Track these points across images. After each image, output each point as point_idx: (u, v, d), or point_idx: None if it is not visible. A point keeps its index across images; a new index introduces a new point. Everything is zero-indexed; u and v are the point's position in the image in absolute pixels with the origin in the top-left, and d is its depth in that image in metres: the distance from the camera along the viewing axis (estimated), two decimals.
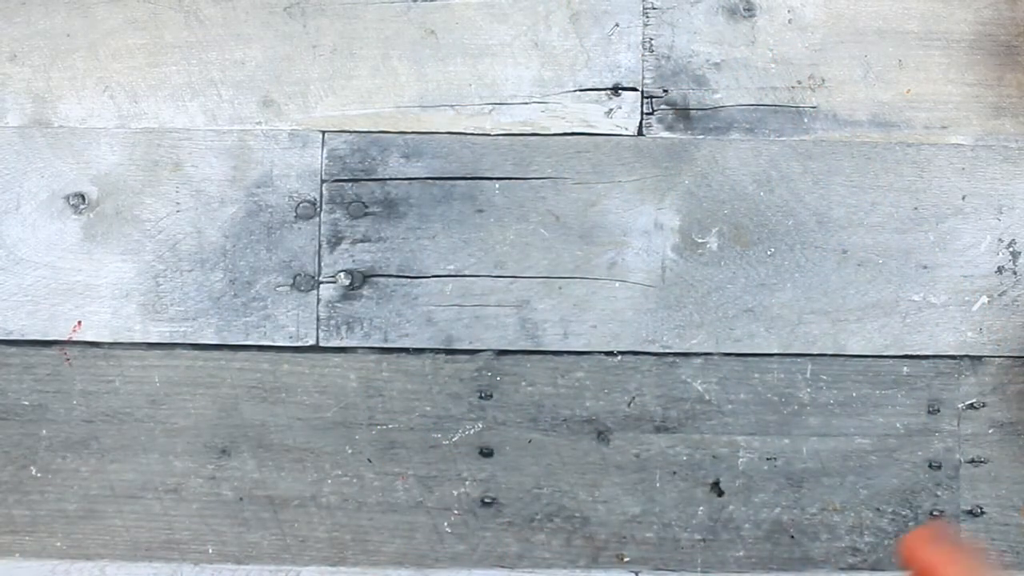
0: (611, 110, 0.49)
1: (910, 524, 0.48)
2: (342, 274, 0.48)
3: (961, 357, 0.49)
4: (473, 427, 0.48)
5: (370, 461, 0.48)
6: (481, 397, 0.48)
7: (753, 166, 0.49)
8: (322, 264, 0.48)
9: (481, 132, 0.49)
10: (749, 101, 0.49)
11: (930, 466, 0.48)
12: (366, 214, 0.49)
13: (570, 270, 0.48)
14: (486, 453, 0.48)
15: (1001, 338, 0.49)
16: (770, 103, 0.49)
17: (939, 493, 0.48)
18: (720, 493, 0.48)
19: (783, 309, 0.48)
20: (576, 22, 0.50)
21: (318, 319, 0.48)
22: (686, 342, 0.48)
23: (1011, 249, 0.49)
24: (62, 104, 0.49)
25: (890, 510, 0.48)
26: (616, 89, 0.49)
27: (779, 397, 0.48)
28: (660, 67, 0.49)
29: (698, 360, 0.48)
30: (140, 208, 0.49)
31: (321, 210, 0.49)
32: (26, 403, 0.48)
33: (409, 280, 0.48)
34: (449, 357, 0.48)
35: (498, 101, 0.49)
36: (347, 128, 0.49)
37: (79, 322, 0.48)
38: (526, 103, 0.49)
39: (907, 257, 0.49)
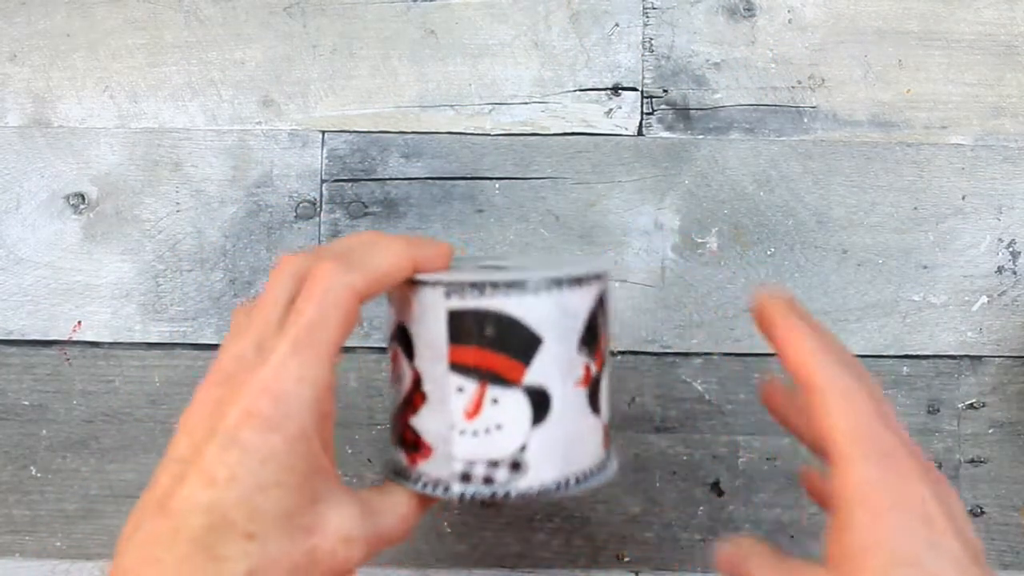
0: (611, 110, 0.49)
1: None
2: None
3: (961, 357, 0.49)
4: None
5: (370, 461, 0.48)
6: None
7: (753, 166, 0.49)
8: None
9: (481, 132, 0.49)
10: (749, 101, 0.49)
11: None
12: (366, 214, 0.49)
13: None
14: None
15: (1001, 338, 0.49)
16: (770, 103, 0.49)
17: None
18: (720, 493, 0.48)
19: None
20: (576, 22, 0.50)
21: None
22: (686, 342, 0.48)
23: (1011, 249, 0.49)
24: (62, 104, 0.49)
25: None
26: (616, 89, 0.49)
27: None
28: (660, 67, 0.49)
29: (698, 360, 0.48)
30: (140, 208, 0.49)
31: (321, 210, 0.49)
32: (26, 403, 0.48)
33: None
34: None
35: (498, 101, 0.49)
36: (347, 128, 0.49)
37: (79, 322, 0.48)
38: (526, 103, 0.49)
39: (907, 257, 0.49)
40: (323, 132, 0.49)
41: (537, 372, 0.29)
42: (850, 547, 0.26)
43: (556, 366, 0.29)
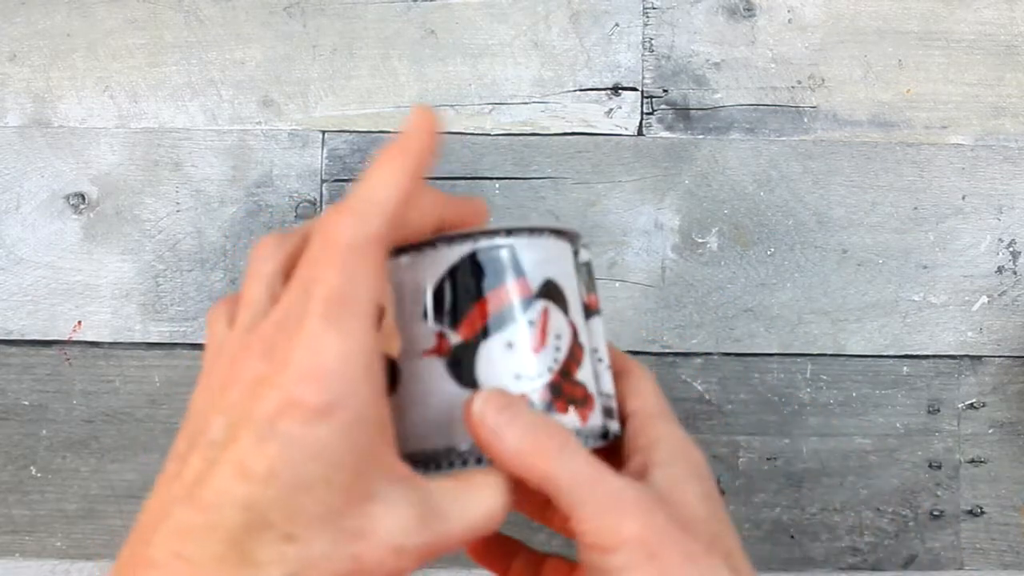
0: (611, 110, 0.49)
1: (910, 524, 0.48)
2: None
3: (961, 357, 0.49)
4: None
5: None
6: None
7: (753, 166, 0.49)
8: None
9: (481, 132, 0.49)
10: (749, 101, 0.49)
11: (930, 466, 0.48)
12: None
13: None
14: None
15: (1001, 338, 0.49)
16: (770, 103, 0.49)
17: (939, 493, 0.48)
18: (720, 493, 0.48)
19: (783, 309, 0.48)
20: (576, 22, 0.50)
21: None
22: (686, 342, 0.48)
23: (1011, 249, 0.49)
24: (62, 104, 0.49)
25: (890, 510, 0.48)
26: (616, 89, 0.49)
27: (779, 397, 0.48)
28: (660, 67, 0.49)
29: (698, 360, 0.48)
30: (140, 208, 0.49)
31: (321, 210, 0.49)
32: (26, 403, 0.48)
33: None
34: None
35: (498, 101, 0.49)
36: (347, 128, 0.49)
37: (79, 322, 0.48)
38: (526, 103, 0.49)
39: (907, 257, 0.49)
40: (323, 132, 0.49)
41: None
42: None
43: None
